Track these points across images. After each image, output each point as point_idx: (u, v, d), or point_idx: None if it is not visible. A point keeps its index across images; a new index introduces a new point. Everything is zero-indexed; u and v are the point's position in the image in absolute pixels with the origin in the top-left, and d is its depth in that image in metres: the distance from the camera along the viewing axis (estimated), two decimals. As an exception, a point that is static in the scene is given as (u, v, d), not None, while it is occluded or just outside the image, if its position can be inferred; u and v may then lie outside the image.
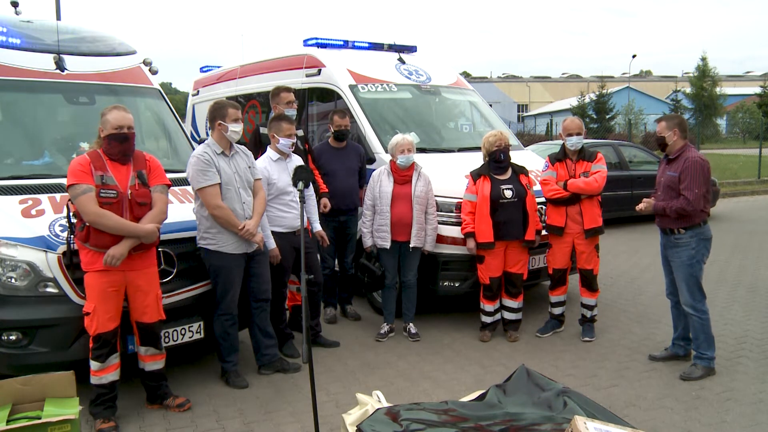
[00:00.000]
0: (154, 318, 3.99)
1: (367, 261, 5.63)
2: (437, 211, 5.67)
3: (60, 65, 5.19)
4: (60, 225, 4.06)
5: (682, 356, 5.03)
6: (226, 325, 4.50)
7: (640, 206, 4.85)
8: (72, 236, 3.85)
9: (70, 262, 3.85)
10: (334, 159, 5.90)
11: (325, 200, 5.69)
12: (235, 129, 4.41)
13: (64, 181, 4.50)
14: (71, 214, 3.82)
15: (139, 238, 3.81)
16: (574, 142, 5.39)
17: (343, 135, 5.93)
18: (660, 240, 5.00)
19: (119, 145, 3.83)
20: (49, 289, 3.91)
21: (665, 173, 4.81)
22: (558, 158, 5.51)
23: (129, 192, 3.82)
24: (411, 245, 5.45)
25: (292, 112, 5.52)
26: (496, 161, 5.42)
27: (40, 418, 3.29)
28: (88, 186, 3.68)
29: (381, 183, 5.48)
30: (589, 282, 5.51)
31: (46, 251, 3.90)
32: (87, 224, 3.70)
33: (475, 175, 5.46)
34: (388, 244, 5.44)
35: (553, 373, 4.64)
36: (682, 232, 4.73)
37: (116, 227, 3.73)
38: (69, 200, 3.79)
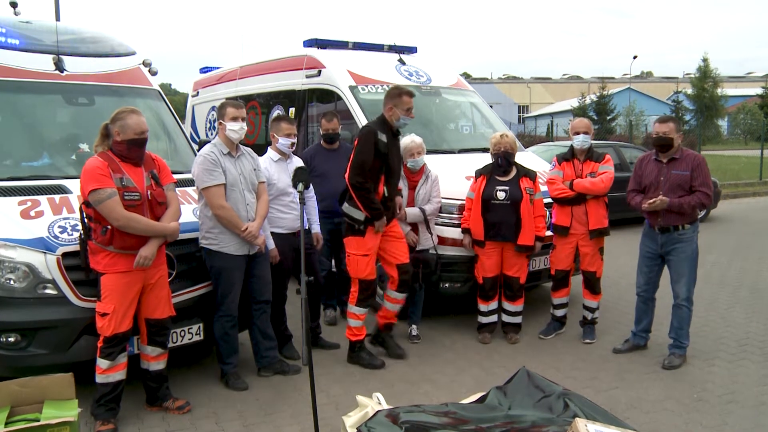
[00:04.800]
0: (165, 314, 4.03)
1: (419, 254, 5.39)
2: (438, 212, 5.67)
3: (59, 66, 5.18)
4: (59, 226, 4.05)
5: (642, 346, 5.28)
6: (227, 327, 4.49)
7: (652, 201, 4.76)
8: (86, 239, 3.81)
9: (86, 264, 3.83)
10: (327, 160, 5.85)
11: (399, 199, 5.18)
12: (233, 128, 4.40)
13: (63, 182, 4.54)
14: (85, 216, 3.78)
15: (165, 237, 3.90)
16: (581, 141, 5.38)
17: (332, 138, 5.88)
18: (648, 243, 5.09)
19: (138, 150, 3.86)
20: (48, 291, 3.89)
21: (669, 172, 4.83)
22: (565, 158, 5.50)
23: (148, 193, 3.85)
24: (417, 248, 5.42)
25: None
26: (496, 164, 5.41)
27: (38, 421, 3.27)
28: (112, 190, 3.68)
29: None
30: (592, 284, 5.49)
31: (45, 253, 3.88)
32: (109, 227, 3.69)
33: (477, 174, 5.50)
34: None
35: (554, 375, 4.61)
36: (687, 228, 4.84)
37: (146, 229, 3.79)
38: (83, 203, 3.76)
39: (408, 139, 5.44)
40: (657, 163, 4.94)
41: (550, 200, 5.63)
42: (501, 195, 5.29)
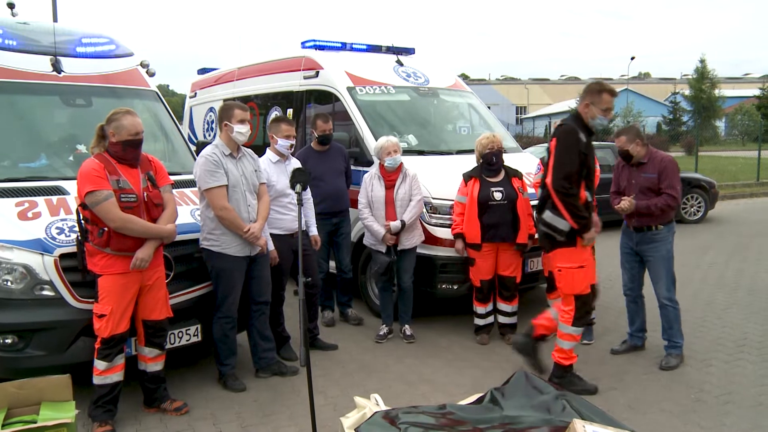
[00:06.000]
0: (162, 315, 4.03)
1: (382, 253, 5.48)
2: (435, 213, 5.67)
3: (57, 67, 5.17)
4: (57, 228, 4.05)
5: (640, 346, 5.30)
6: (226, 328, 4.48)
7: (623, 204, 4.93)
8: (83, 241, 3.81)
9: (84, 266, 3.82)
10: (321, 162, 5.82)
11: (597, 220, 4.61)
12: (241, 130, 4.40)
13: (60, 183, 4.54)
14: (82, 218, 3.78)
15: (162, 238, 3.90)
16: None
17: (327, 139, 5.85)
18: (625, 240, 5.19)
19: (134, 150, 3.86)
20: (45, 292, 3.88)
21: (639, 176, 4.99)
22: None
23: (144, 194, 3.85)
24: (399, 248, 5.45)
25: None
26: (488, 164, 5.41)
27: (36, 422, 3.27)
28: (109, 192, 3.68)
29: (373, 187, 5.46)
30: None
31: (42, 254, 3.88)
32: (106, 229, 3.68)
33: (467, 177, 5.47)
34: (384, 248, 5.44)
35: (552, 375, 4.61)
36: (660, 228, 4.95)
37: (143, 231, 3.79)
38: (80, 205, 3.76)
39: (383, 139, 5.48)
40: (629, 167, 5.10)
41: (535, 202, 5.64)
42: (498, 196, 5.31)
